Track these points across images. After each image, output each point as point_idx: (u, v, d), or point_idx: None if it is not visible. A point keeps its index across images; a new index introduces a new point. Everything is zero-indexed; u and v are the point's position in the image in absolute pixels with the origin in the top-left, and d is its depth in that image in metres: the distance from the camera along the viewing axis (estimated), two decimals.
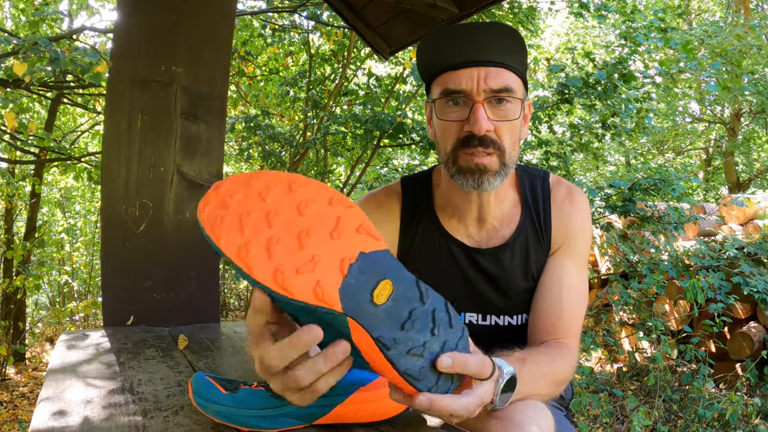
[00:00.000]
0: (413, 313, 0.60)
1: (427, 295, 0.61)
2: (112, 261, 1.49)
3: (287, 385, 0.59)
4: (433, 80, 0.97)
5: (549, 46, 10.62)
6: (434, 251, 1.06)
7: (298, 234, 0.59)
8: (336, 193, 0.62)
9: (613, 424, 3.06)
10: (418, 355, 0.60)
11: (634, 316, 3.99)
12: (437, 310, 0.61)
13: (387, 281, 0.60)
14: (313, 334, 0.56)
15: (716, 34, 6.44)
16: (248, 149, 5.30)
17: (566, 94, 3.91)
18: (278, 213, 0.60)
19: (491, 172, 0.92)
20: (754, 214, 4.55)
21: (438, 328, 0.61)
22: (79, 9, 5.38)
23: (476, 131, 0.90)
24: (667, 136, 10.15)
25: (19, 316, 5.06)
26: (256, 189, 0.61)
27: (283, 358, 0.58)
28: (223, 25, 1.65)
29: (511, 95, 0.92)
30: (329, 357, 0.58)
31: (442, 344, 0.61)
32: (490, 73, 0.91)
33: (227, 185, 0.62)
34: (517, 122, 0.94)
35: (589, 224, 1.06)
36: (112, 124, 1.50)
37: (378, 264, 0.60)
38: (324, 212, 0.61)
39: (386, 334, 0.59)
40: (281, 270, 0.57)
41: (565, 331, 0.95)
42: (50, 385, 0.93)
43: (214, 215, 0.60)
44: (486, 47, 0.91)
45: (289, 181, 0.62)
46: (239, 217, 0.59)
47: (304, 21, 5.44)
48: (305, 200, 0.61)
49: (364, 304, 0.59)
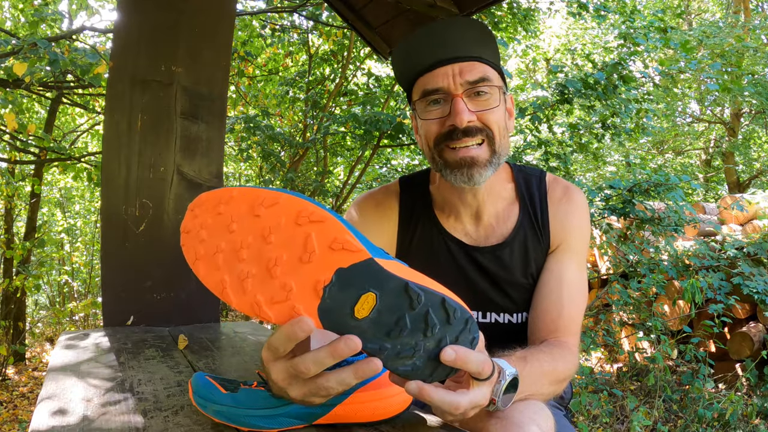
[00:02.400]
0: (400, 321, 0.59)
1: (419, 299, 0.59)
2: (112, 261, 1.49)
3: (313, 391, 0.61)
4: (412, 86, 0.98)
5: (548, 47, 10.62)
6: (433, 250, 1.06)
7: (267, 264, 0.60)
8: (304, 208, 0.60)
9: (613, 424, 3.06)
10: (408, 356, 0.60)
11: (633, 316, 3.98)
12: (431, 311, 0.59)
13: (369, 294, 0.59)
14: (351, 344, 0.57)
15: (714, 35, 6.45)
16: (248, 149, 5.30)
17: (565, 95, 3.91)
18: (246, 245, 0.61)
19: (480, 163, 0.92)
20: (753, 214, 4.55)
21: (432, 329, 0.59)
22: (79, 9, 5.38)
23: (458, 123, 0.90)
24: (667, 137, 10.15)
25: (19, 316, 5.06)
26: (225, 221, 0.62)
27: (319, 365, 0.59)
28: (223, 25, 1.65)
29: (488, 84, 0.92)
30: (359, 372, 0.60)
31: (437, 342, 0.60)
32: (464, 67, 0.91)
33: (200, 216, 0.64)
34: (499, 110, 0.94)
35: (587, 222, 1.06)
36: (112, 124, 1.50)
37: (358, 277, 0.59)
38: (291, 235, 0.60)
39: (372, 344, 0.59)
40: (257, 303, 0.59)
41: (565, 328, 0.96)
42: (50, 384, 0.93)
43: (191, 249, 0.64)
44: (456, 43, 0.92)
45: (254, 205, 0.61)
46: (213, 253, 0.62)
47: (303, 21, 5.44)
48: (270, 226, 0.60)
49: (345, 320, 0.59)
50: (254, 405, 0.72)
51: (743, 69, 6.71)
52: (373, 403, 0.73)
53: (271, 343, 0.61)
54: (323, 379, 0.60)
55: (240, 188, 0.63)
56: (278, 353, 0.61)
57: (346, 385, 0.60)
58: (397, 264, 0.61)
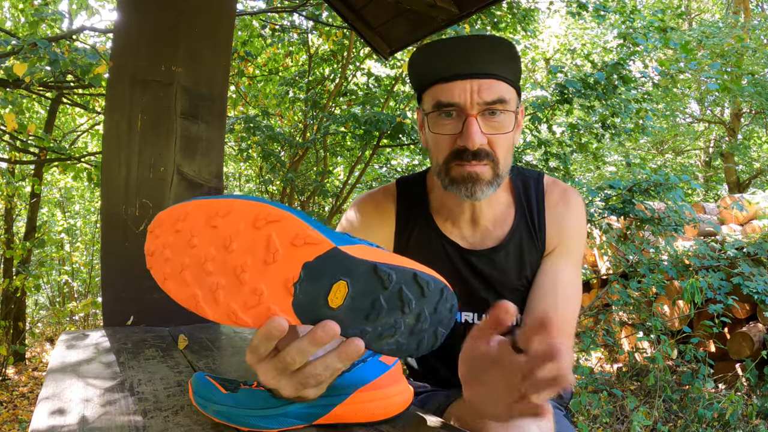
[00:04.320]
0: (376, 303, 0.60)
1: (390, 278, 0.59)
2: (112, 261, 1.49)
3: (302, 382, 0.62)
4: (426, 90, 0.97)
5: (547, 47, 10.62)
6: (429, 252, 1.06)
7: (234, 272, 0.60)
8: (261, 210, 0.60)
9: (613, 424, 3.06)
10: (390, 335, 0.61)
11: (633, 316, 3.99)
12: (404, 288, 0.60)
13: (340, 282, 0.59)
14: (329, 329, 0.58)
15: (714, 35, 6.45)
16: (248, 149, 5.30)
17: (565, 95, 3.91)
18: (210, 258, 0.61)
19: (484, 181, 0.93)
20: (753, 214, 4.55)
21: (408, 305, 0.60)
22: (79, 9, 5.38)
23: (470, 146, 0.90)
24: (667, 137, 10.16)
25: (19, 316, 5.06)
26: (185, 237, 0.63)
27: (302, 353, 0.60)
28: (223, 25, 1.65)
29: (504, 107, 0.92)
30: (342, 355, 0.60)
31: (416, 316, 0.61)
32: (482, 85, 0.90)
33: (161, 236, 0.64)
34: (510, 134, 0.94)
35: (584, 225, 1.06)
36: (112, 124, 1.50)
37: (326, 268, 0.59)
38: (252, 239, 0.60)
39: (352, 330, 0.60)
40: (232, 311, 0.60)
41: (559, 330, 0.96)
42: (50, 384, 0.93)
43: (158, 270, 0.64)
44: (478, 59, 0.91)
45: (210, 216, 0.61)
46: (179, 271, 0.62)
47: (303, 21, 5.44)
48: (230, 234, 0.60)
49: (321, 311, 0.60)
50: (254, 405, 0.72)
51: (743, 69, 6.71)
52: (373, 403, 0.73)
53: (252, 346, 0.62)
54: (310, 368, 0.61)
55: (193, 201, 0.63)
56: (261, 354, 0.62)
57: (333, 369, 0.61)
58: (363, 247, 0.61)
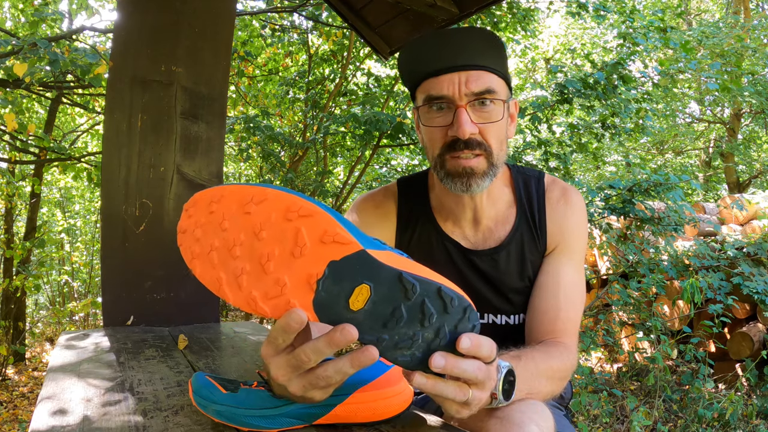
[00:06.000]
0: (396, 312, 0.59)
1: (414, 289, 0.58)
2: (112, 261, 1.49)
3: (312, 382, 0.62)
4: (417, 87, 0.98)
5: (547, 47, 10.62)
6: (431, 251, 1.06)
7: (259, 260, 0.60)
8: (293, 203, 0.60)
9: (613, 424, 3.06)
10: (406, 347, 0.60)
11: (633, 316, 3.99)
12: (428, 300, 0.59)
13: (363, 286, 0.59)
14: (347, 334, 0.58)
15: (714, 35, 6.45)
16: (248, 149, 5.30)
17: (565, 95, 3.91)
18: (239, 243, 0.62)
19: (479, 173, 0.93)
20: (753, 214, 4.54)
21: (429, 319, 0.59)
22: (79, 9, 5.38)
23: (460, 135, 0.91)
24: (667, 137, 10.15)
25: (19, 316, 5.06)
26: (217, 219, 0.63)
27: (318, 353, 0.60)
28: (223, 25, 1.65)
29: (493, 96, 0.92)
30: (355, 361, 0.60)
31: (436, 331, 0.60)
32: (471, 76, 0.91)
33: (195, 216, 0.65)
34: (501, 123, 0.95)
35: (585, 224, 1.07)
36: (112, 124, 1.50)
37: (351, 269, 0.59)
38: (282, 230, 0.60)
39: (369, 336, 0.59)
40: (252, 298, 0.60)
41: (562, 329, 0.96)
42: (50, 384, 0.93)
43: (187, 248, 0.65)
44: (465, 51, 0.92)
45: (244, 202, 0.62)
46: (208, 252, 0.63)
47: (303, 21, 5.44)
48: (260, 222, 0.61)
49: (341, 311, 0.59)
50: (254, 405, 0.72)
51: (743, 69, 6.71)
52: (373, 403, 0.73)
53: (271, 337, 0.62)
54: (321, 369, 0.61)
55: (230, 186, 0.63)
56: (278, 346, 0.62)
57: (344, 374, 0.61)
58: (390, 254, 0.61)
